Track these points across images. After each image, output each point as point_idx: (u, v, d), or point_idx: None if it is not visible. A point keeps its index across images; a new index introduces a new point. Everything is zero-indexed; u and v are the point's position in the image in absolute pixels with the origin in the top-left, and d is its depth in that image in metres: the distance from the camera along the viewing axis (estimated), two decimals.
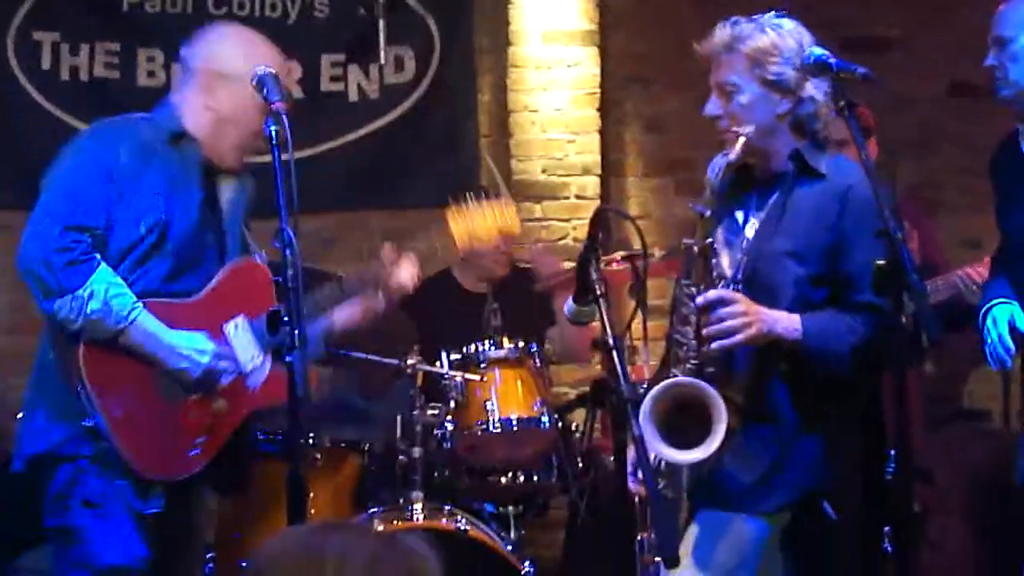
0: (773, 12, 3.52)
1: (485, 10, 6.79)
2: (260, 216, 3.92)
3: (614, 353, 2.96)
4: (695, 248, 3.36)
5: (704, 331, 3.29)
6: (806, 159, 3.46)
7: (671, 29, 6.78)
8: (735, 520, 3.41)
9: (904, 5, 7.10)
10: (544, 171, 6.63)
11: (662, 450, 3.23)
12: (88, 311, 3.52)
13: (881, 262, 3.09)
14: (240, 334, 3.77)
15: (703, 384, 3.24)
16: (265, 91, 3.55)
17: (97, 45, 6.46)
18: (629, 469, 3.29)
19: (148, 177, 3.66)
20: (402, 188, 6.68)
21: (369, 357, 5.01)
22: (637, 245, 4.94)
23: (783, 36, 3.44)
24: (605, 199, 6.72)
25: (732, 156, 3.40)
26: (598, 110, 6.67)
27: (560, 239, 6.51)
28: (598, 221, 3.28)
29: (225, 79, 3.76)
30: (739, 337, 3.28)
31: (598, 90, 6.66)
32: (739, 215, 3.55)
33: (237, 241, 3.91)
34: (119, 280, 3.58)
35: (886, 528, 3.92)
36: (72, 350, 3.58)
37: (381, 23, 6.43)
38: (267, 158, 3.47)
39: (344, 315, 4.11)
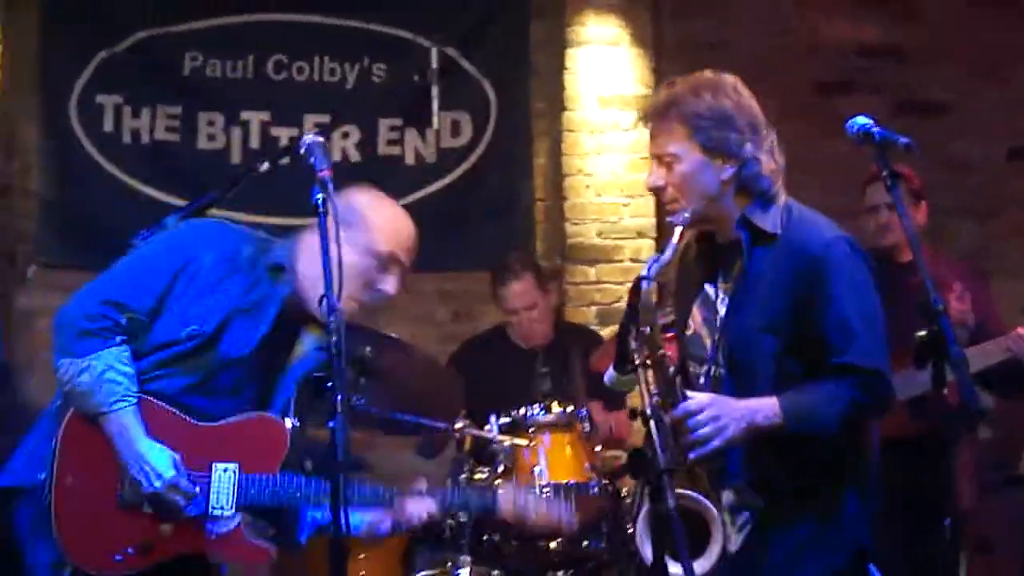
0: (710, 73, 3.43)
1: (541, 75, 6.86)
2: None
3: (651, 423, 2.94)
4: (647, 362, 3.20)
5: (681, 441, 3.20)
6: (754, 222, 3.36)
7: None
8: None
9: (960, 68, 7.08)
10: (599, 234, 6.66)
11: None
12: (76, 382, 3.54)
13: (922, 333, 3.06)
14: (224, 479, 3.67)
15: (697, 495, 3.21)
16: (312, 159, 3.57)
17: (158, 108, 6.59)
18: None
19: (220, 289, 3.63)
20: (458, 251, 6.72)
21: (419, 420, 5.02)
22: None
23: (720, 97, 3.34)
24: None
25: (667, 254, 3.31)
26: None
27: (614, 302, 6.50)
28: (637, 290, 3.26)
29: (346, 225, 3.61)
30: (716, 443, 3.20)
31: None
32: (710, 290, 3.49)
33: (283, 400, 3.86)
34: (127, 369, 3.56)
35: None
36: (65, 406, 3.62)
37: (434, 89, 6.51)
38: None
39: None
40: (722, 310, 3.42)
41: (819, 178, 6.68)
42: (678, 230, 3.35)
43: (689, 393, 3.28)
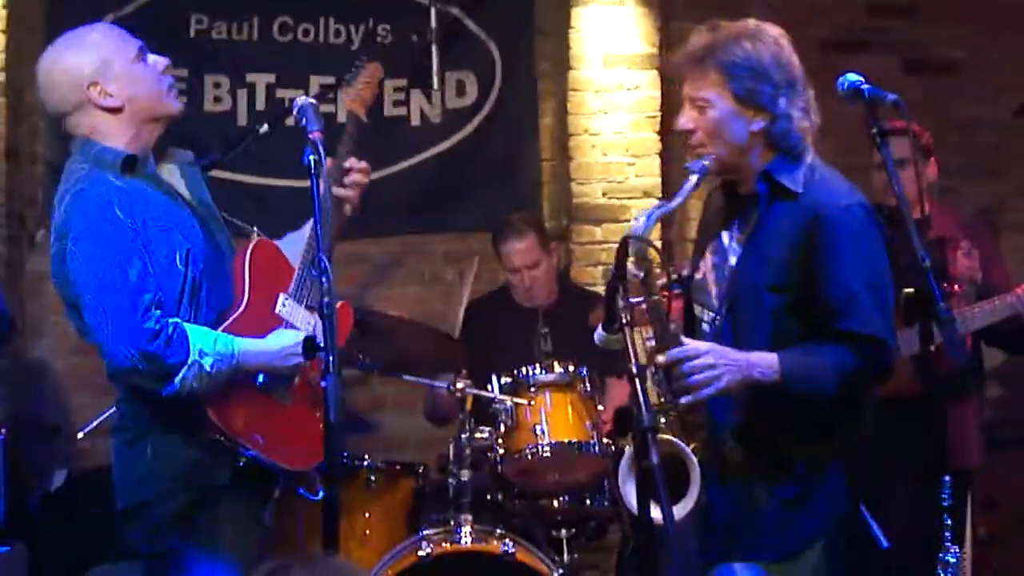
0: (753, 20, 3.40)
1: (546, 34, 6.84)
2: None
3: (636, 382, 2.96)
4: (643, 305, 3.26)
5: (673, 386, 3.22)
6: (776, 178, 3.35)
7: None
8: (747, 571, 3.35)
9: (969, 26, 7.04)
10: (604, 194, 6.64)
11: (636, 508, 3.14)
12: (209, 369, 3.53)
13: (909, 290, 3.06)
14: (290, 310, 3.82)
15: (676, 441, 3.18)
16: (304, 121, 3.59)
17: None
18: None
19: (148, 220, 3.62)
20: (464, 211, 6.74)
21: (419, 380, 5.05)
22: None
23: (760, 49, 3.31)
24: (665, 222, 6.71)
25: (673, 203, 3.38)
26: (658, 133, 6.68)
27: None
28: (624, 250, 3.26)
29: (103, 76, 3.68)
30: (709, 390, 3.20)
31: (658, 113, 6.67)
32: (725, 237, 3.49)
33: (222, 224, 3.92)
34: (200, 327, 3.59)
35: (941, 556, 3.89)
36: (188, 416, 3.61)
37: (434, 48, 6.51)
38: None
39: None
40: (733, 260, 3.43)
41: (828, 136, 6.67)
42: (693, 178, 3.36)
43: (685, 340, 3.28)
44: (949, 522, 3.88)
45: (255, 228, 4.01)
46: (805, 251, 3.29)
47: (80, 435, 5.04)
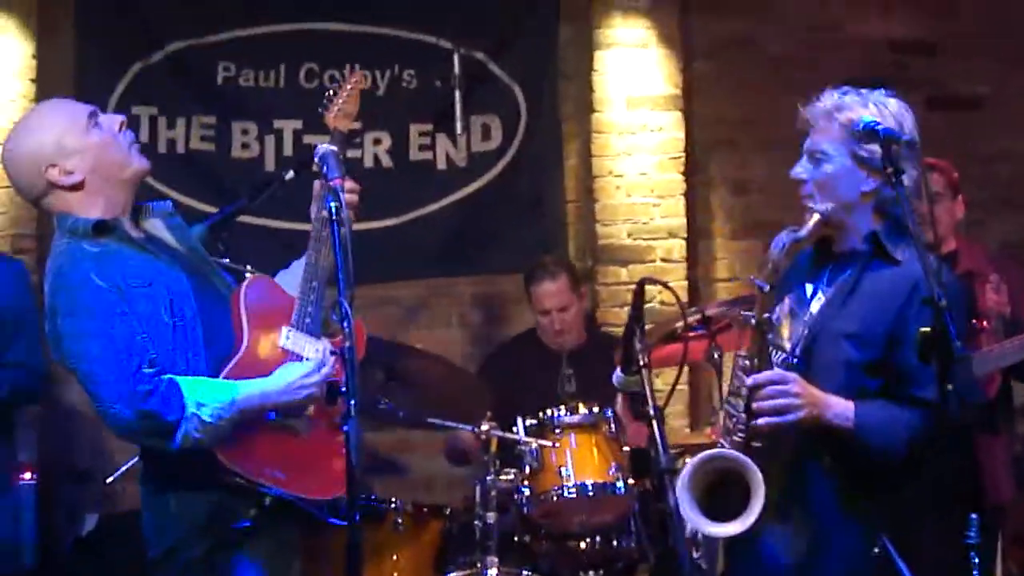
0: (883, 89, 3.46)
1: (569, 77, 6.89)
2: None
3: (654, 424, 2.98)
4: (752, 321, 3.34)
5: (755, 405, 3.27)
6: (883, 242, 3.40)
7: (755, 93, 6.83)
8: None
9: (992, 62, 7.05)
10: (630, 235, 6.68)
11: (698, 521, 3.21)
12: (210, 420, 3.53)
13: (925, 329, 3.06)
14: (296, 341, 3.78)
15: (743, 457, 3.23)
16: (324, 168, 3.62)
17: (193, 118, 6.68)
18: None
19: (128, 280, 3.61)
20: (490, 254, 6.78)
21: (444, 423, 5.07)
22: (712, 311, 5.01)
23: (884, 115, 3.37)
24: (691, 262, 6.76)
25: (802, 232, 3.37)
26: (683, 173, 6.71)
27: (647, 302, 6.49)
28: (641, 292, 3.29)
29: (60, 156, 3.63)
30: (788, 417, 3.26)
31: (683, 154, 6.71)
32: (808, 287, 3.52)
33: (217, 269, 3.91)
34: (197, 379, 3.59)
35: None
36: (205, 463, 3.60)
37: (457, 94, 6.57)
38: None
39: None
40: (815, 308, 3.46)
41: None
42: (816, 216, 3.39)
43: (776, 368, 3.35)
44: (976, 560, 3.87)
45: (248, 267, 4.01)
46: (895, 315, 3.33)
47: (108, 481, 5.08)
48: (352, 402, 3.29)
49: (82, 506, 6.21)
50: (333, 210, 3.49)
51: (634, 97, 6.69)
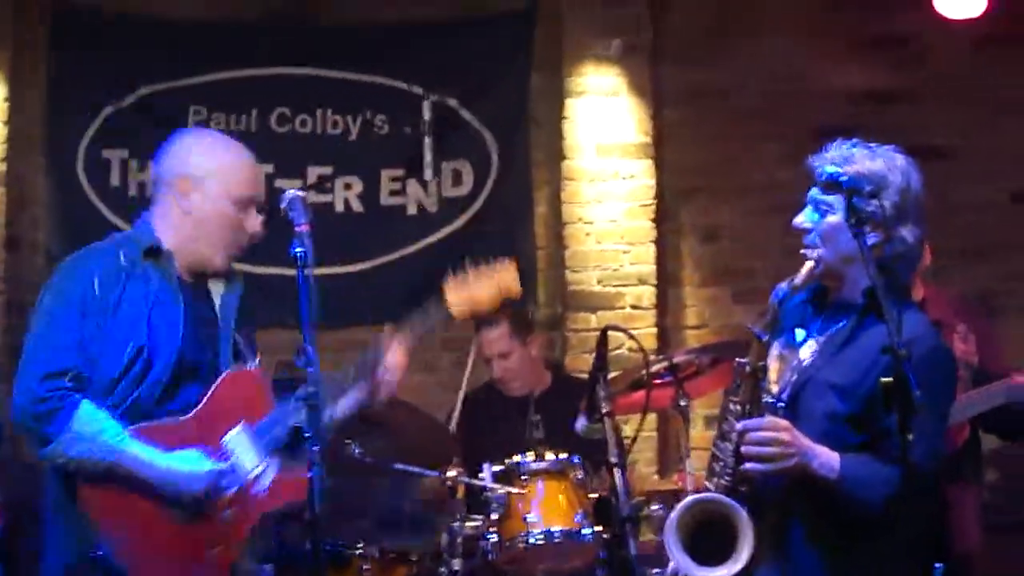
0: (892, 146, 3.47)
1: (540, 124, 6.93)
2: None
3: (615, 472, 2.98)
4: (747, 368, 3.33)
5: (743, 450, 3.27)
6: (879, 299, 3.32)
7: (724, 141, 6.88)
8: None
9: (963, 112, 7.10)
10: (599, 282, 6.71)
11: (687, 565, 3.21)
12: (74, 454, 3.58)
13: (886, 380, 3.08)
14: (240, 443, 3.76)
15: (732, 502, 3.23)
16: (292, 214, 3.63)
17: None
18: None
19: (125, 304, 3.70)
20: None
21: (411, 469, 5.06)
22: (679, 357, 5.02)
23: (891, 170, 3.39)
24: (661, 309, 6.78)
25: (797, 280, 3.38)
26: (653, 220, 6.74)
27: (615, 349, 6.49)
28: (604, 340, 3.30)
29: (196, 181, 3.82)
30: (775, 466, 3.26)
31: (653, 201, 6.75)
32: (799, 333, 3.52)
33: (229, 347, 3.93)
34: (102, 415, 3.61)
35: None
36: (74, 486, 3.64)
37: (427, 140, 6.60)
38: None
39: (345, 403, 4.05)
40: (806, 357, 3.47)
41: None
42: (809, 264, 3.40)
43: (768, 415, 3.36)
44: None
45: (258, 360, 4.00)
46: (880, 371, 3.24)
47: None
48: (315, 448, 3.30)
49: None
50: (299, 256, 3.51)
51: (604, 144, 6.73)
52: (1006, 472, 6.79)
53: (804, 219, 3.47)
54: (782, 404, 3.44)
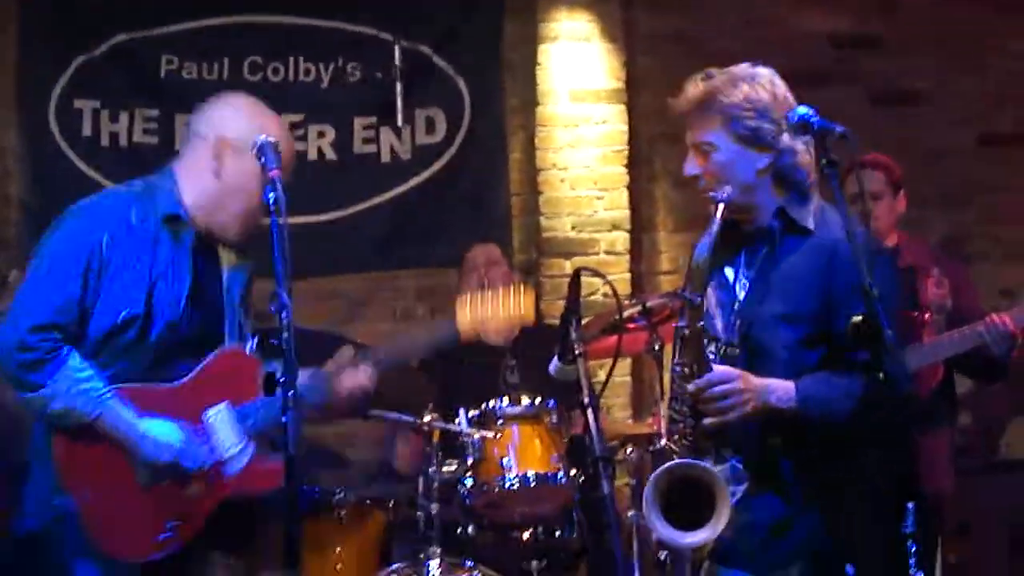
0: (748, 63, 3.48)
1: (514, 70, 6.91)
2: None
3: (589, 412, 3.00)
4: (686, 331, 3.32)
5: (700, 407, 3.28)
6: (791, 216, 3.42)
7: None
8: None
9: (934, 57, 7.12)
10: (573, 227, 6.72)
11: (668, 533, 3.21)
12: (50, 410, 3.60)
13: (857, 318, 3.09)
14: (221, 421, 3.79)
15: (706, 466, 3.24)
16: (263, 159, 3.61)
17: (136, 112, 6.62)
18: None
19: (131, 268, 3.69)
20: (434, 247, 6.78)
21: (385, 415, 5.08)
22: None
23: (757, 88, 3.39)
24: (635, 254, 6.80)
25: (714, 228, 3.35)
26: (626, 166, 6.75)
27: (589, 294, 6.51)
28: (576, 282, 3.32)
29: (233, 147, 3.82)
30: (733, 414, 3.28)
31: (626, 147, 6.75)
32: (729, 272, 3.51)
33: (235, 325, 3.93)
34: (87, 372, 3.62)
35: None
36: (48, 431, 3.68)
37: (399, 86, 6.58)
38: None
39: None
40: (741, 294, 3.46)
41: None
42: (721, 206, 3.38)
43: (715, 366, 3.35)
44: (914, 548, 3.92)
45: (255, 338, 4.00)
46: (824, 286, 3.35)
47: None
48: (290, 393, 3.30)
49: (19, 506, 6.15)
50: (271, 200, 3.49)
51: (577, 90, 6.72)
52: (979, 414, 6.85)
53: (691, 166, 3.47)
54: (733, 345, 3.44)
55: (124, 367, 3.70)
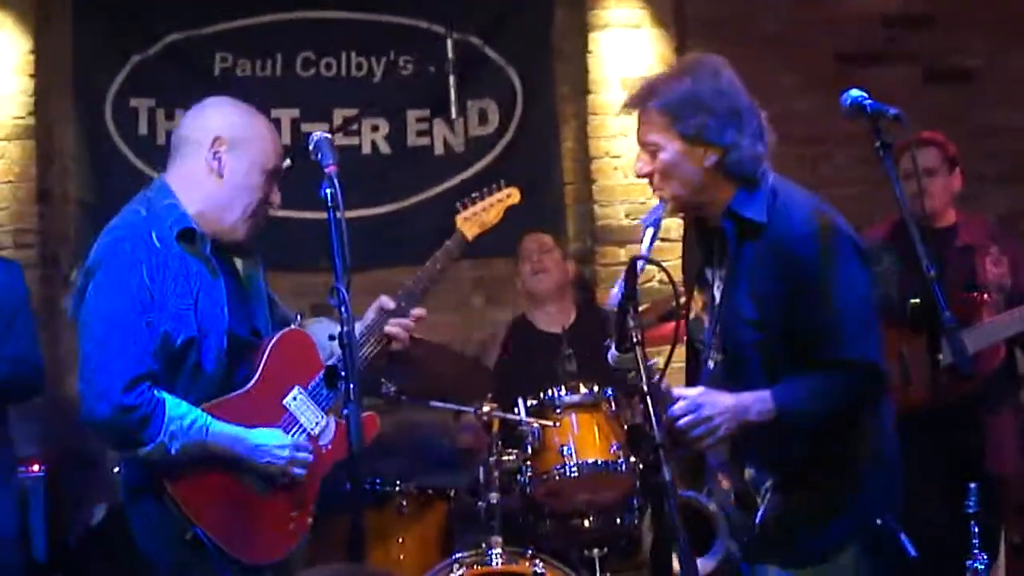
0: (694, 55, 3.45)
1: (565, 59, 6.92)
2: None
3: (647, 399, 3.01)
4: (639, 387, 3.19)
5: (676, 439, 3.25)
6: (742, 215, 3.34)
7: (749, 70, 6.82)
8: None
9: (986, 34, 7.06)
10: (627, 215, 6.72)
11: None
12: (174, 453, 3.58)
13: (915, 300, 3.10)
14: (300, 404, 3.86)
15: (698, 496, 3.27)
16: (319, 155, 3.64)
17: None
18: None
19: (173, 292, 3.67)
20: (489, 238, 6.76)
21: (446, 406, 5.10)
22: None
23: (699, 83, 3.32)
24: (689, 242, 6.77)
25: (659, 222, 3.40)
26: None
27: (645, 282, 6.52)
28: (632, 270, 3.32)
29: (232, 144, 3.80)
30: (709, 441, 3.27)
31: None
32: (708, 273, 3.51)
33: (267, 316, 3.96)
34: (184, 406, 3.62)
35: (969, 563, 3.91)
36: (149, 474, 3.66)
37: (452, 79, 6.59)
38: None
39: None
40: (718, 296, 3.45)
41: (845, 149, 6.73)
42: (649, 231, 3.42)
43: (677, 392, 3.31)
44: (977, 529, 3.90)
45: (299, 316, 4.07)
46: (783, 285, 3.30)
47: (115, 470, 5.11)
48: (351, 385, 3.33)
49: (91, 496, 6.24)
50: (328, 196, 3.52)
51: (629, 77, 6.68)
52: None
53: (641, 165, 3.45)
54: (720, 351, 3.43)
55: (196, 389, 3.71)
